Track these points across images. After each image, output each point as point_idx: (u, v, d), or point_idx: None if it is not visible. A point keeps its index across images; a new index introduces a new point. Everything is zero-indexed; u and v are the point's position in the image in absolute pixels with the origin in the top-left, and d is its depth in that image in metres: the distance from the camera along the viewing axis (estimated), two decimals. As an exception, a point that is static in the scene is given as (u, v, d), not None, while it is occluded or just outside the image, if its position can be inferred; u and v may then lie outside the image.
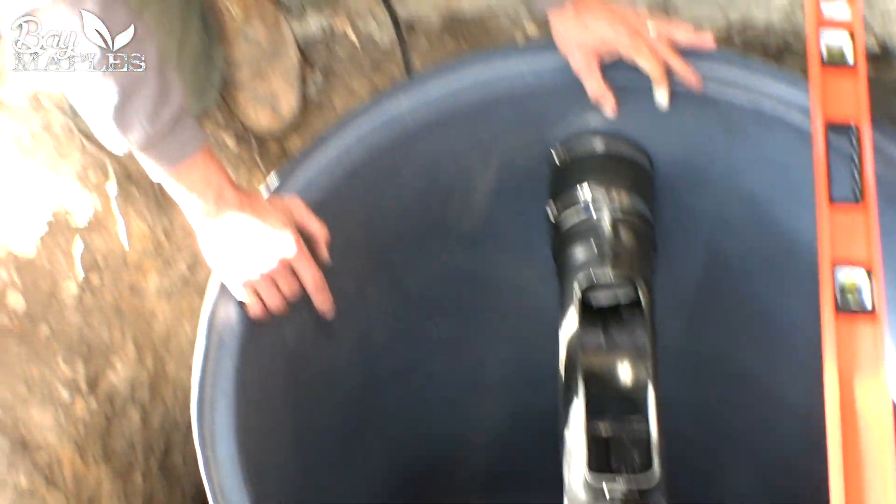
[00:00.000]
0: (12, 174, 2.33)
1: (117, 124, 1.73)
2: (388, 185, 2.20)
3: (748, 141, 2.14)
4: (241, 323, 1.89)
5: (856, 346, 1.69)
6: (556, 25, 2.08)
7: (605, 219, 2.06)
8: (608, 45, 2.02)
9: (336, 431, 2.46)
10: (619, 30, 2.03)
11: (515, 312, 2.54)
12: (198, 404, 1.83)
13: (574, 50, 2.05)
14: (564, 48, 2.07)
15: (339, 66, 2.61)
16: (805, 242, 1.92)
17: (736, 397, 2.55)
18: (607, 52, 2.02)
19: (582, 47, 2.05)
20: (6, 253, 2.19)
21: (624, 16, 2.07)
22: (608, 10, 2.09)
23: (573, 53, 2.05)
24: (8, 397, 2.07)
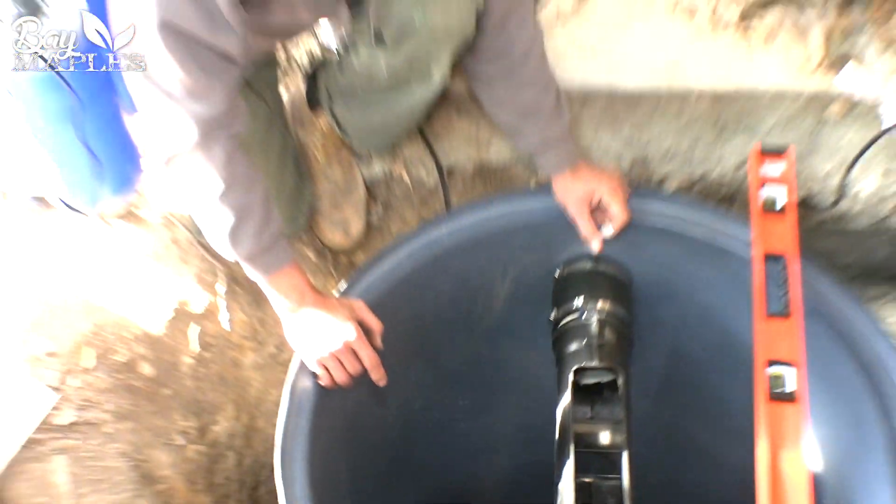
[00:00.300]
0: (148, 274, 2.45)
1: (230, 241, 1.94)
2: (428, 291, 2.35)
3: (704, 265, 2.28)
4: (314, 391, 2.06)
5: (782, 423, 1.83)
6: (556, 184, 2.28)
7: (593, 321, 2.21)
8: (594, 194, 2.22)
9: (380, 473, 2.57)
10: (601, 184, 2.23)
11: (522, 388, 2.60)
12: (280, 452, 1.99)
13: (570, 201, 2.26)
14: (562, 199, 2.27)
15: (395, 200, 2.70)
16: (745, 343, 2.00)
17: (689, 458, 2.63)
18: (594, 200, 2.23)
19: (576, 199, 2.24)
20: (141, 332, 2.32)
21: (606, 176, 2.27)
22: (594, 171, 2.28)
23: (569, 204, 2.26)
24: (138, 442, 2.19)
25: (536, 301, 2.37)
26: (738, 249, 2.18)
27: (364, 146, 2.62)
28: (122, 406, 2.21)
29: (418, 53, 2.17)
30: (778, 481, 1.79)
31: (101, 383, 2.20)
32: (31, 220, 2.48)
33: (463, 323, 2.51)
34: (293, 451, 2.00)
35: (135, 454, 2.17)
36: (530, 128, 2.27)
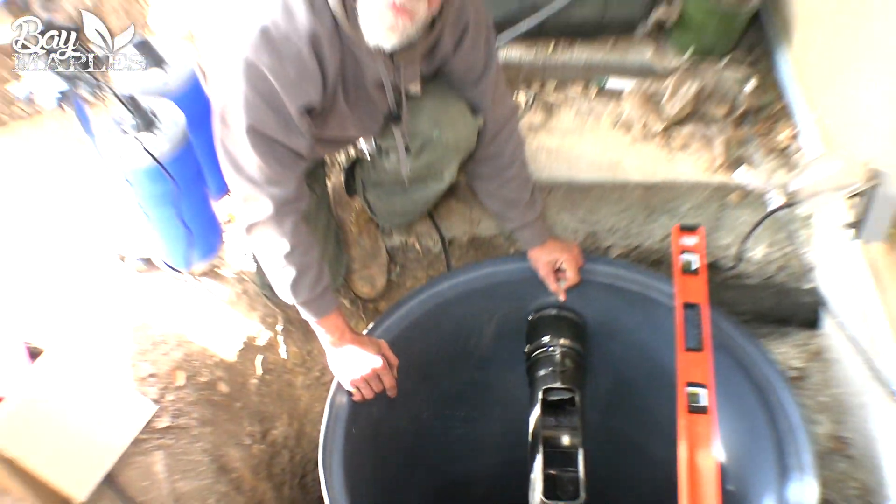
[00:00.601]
0: (225, 317, 2.55)
1: (291, 291, 2.12)
2: (433, 331, 2.49)
3: (639, 312, 2.45)
4: (348, 405, 2.24)
5: (697, 429, 2.01)
6: (531, 254, 2.44)
7: (557, 353, 2.39)
8: (558, 262, 2.40)
9: (397, 466, 2.70)
10: (563, 255, 2.40)
11: (504, 403, 2.69)
12: (322, 451, 2.15)
13: (540, 266, 2.43)
14: (534, 264, 2.44)
15: (409, 263, 2.82)
16: (669, 369, 2.15)
17: (628, 455, 2.73)
18: (558, 266, 2.42)
19: (543, 265, 2.42)
20: (220, 359, 2.46)
21: (566, 247, 2.43)
22: (559, 244, 2.42)
23: (539, 268, 2.43)
24: (216, 442, 2.34)
25: (514, 338, 2.51)
26: (664, 300, 2.35)
27: (388, 224, 2.74)
28: (205, 415, 2.35)
29: (435, 161, 2.32)
30: (694, 471, 1.96)
31: (190, 398, 2.35)
32: (140, 277, 2.61)
33: (460, 354, 2.65)
34: (332, 449, 2.16)
35: (214, 451, 2.32)
36: (512, 214, 2.41)
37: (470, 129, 2.24)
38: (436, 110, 2.20)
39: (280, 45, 1.84)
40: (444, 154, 2.29)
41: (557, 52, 2.93)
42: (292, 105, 1.92)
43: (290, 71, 1.87)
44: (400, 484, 2.72)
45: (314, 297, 2.17)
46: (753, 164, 2.62)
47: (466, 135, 2.25)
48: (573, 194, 2.69)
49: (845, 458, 2.24)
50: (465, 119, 2.22)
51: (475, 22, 2.06)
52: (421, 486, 2.91)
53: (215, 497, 2.23)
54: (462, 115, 2.22)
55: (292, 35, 1.84)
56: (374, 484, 2.44)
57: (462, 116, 2.22)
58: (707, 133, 2.67)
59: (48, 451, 1.97)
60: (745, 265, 2.66)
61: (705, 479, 1.96)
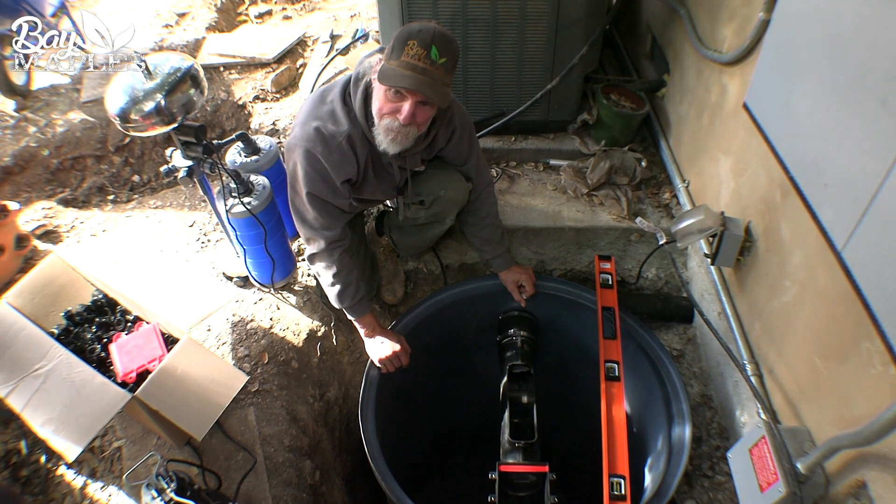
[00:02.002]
0: (295, 317, 2.54)
1: (338, 299, 2.17)
2: (436, 326, 2.52)
3: (573, 312, 2.47)
4: (378, 376, 2.28)
5: (612, 392, 2.07)
6: (501, 276, 2.49)
7: (518, 340, 2.42)
8: (519, 281, 2.42)
9: (410, 417, 2.68)
10: (523, 276, 2.43)
11: (484, 375, 2.65)
12: (361, 407, 2.20)
13: (507, 284, 2.48)
14: (504, 282, 2.49)
15: (419, 280, 2.79)
16: (594, 351, 2.21)
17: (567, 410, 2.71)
18: (519, 283, 2.46)
19: (510, 283, 2.46)
20: (293, 345, 2.45)
21: (525, 270, 2.45)
22: (520, 269, 2.48)
23: (507, 285, 2.48)
24: (290, 401, 2.33)
25: (490, 330, 2.55)
26: (589, 305, 2.39)
27: (405, 254, 2.72)
28: (282, 382, 2.35)
29: (440, 210, 2.34)
30: (611, 420, 2.00)
31: (272, 371, 2.36)
32: (240, 290, 2.62)
33: (453, 342, 2.66)
34: (367, 405, 2.21)
35: (288, 407, 2.30)
36: (487, 248, 2.45)
37: (464, 190, 2.28)
38: (442, 178, 2.25)
39: (328, 139, 1.94)
40: (447, 206, 2.31)
41: (516, 142, 2.94)
42: (337, 178, 2.01)
43: (336, 156, 1.96)
44: (411, 428, 2.71)
45: (354, 303, 2.24)
46: (647, 215, 2.63)
47: (462, 194, 2.29)
48: (528, 235, 2.68)
49: (710, 409, 2.24)
50: (461, 184, 2.26)
51: (461, 126, 2.13)
52: (425, 430, 2.91)
53: (289, 438, 2.21)
54: (459, 181, 2.26)
55: (336, 134, 1.93)
56: (395, 428, 2.44)
57: (459, 182, 2.26)
58: (616, 194, 2.68)
59: (179, 405, 1.96)
60: (642, 281, 2.65)
61: (618, 426, 2.00)
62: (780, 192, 1.77)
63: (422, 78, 1.73)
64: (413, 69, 1.72)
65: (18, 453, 2.17)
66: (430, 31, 1.71)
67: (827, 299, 1.54)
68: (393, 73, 1.75)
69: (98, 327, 2.22)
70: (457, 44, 1.78)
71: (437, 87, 1.76)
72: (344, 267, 2.17)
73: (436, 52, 1.70)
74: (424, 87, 1.74)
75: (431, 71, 1.72)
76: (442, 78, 1.75)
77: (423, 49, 1.70)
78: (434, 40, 1.70)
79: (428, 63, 1.71)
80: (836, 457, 1.45)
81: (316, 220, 2.09)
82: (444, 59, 1.73)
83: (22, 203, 3.14)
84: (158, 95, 2.02)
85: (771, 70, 1.74)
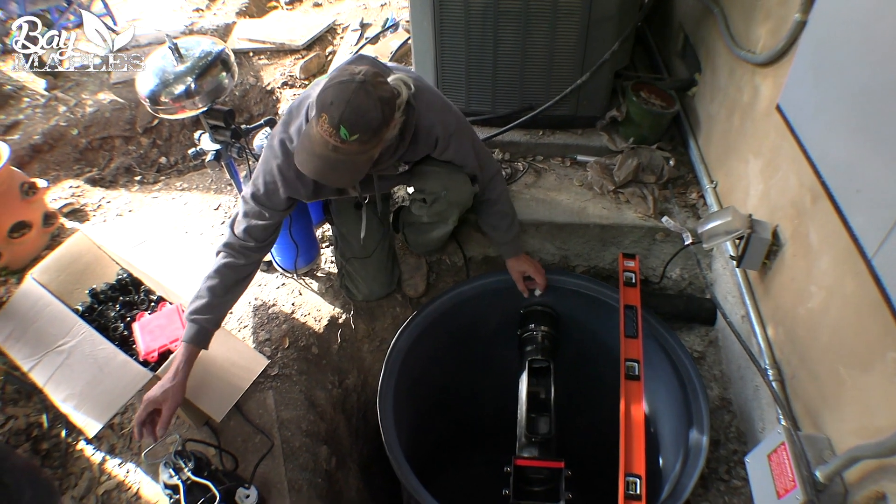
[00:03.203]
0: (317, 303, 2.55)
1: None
2: (457, 317, 2.52)
3: (594, 310, 2.46)
4: (398, 366, 2.28)
5: (632, 390, 2.06)
6: (508, 264, 2.46)
7: (538, 335, 2.42)
8: (526, 272, 2.41)
9: (429, 408, 2.69)
10: (530, 268, 2.42)
11: (503, 368, 2.64)
12: (379, 395, 2.18)
13: (512, 273, 2.46)
14: (510, 272, 2.46)
15: (443, 273, 2.77)
16: (615, 349, 2.20)
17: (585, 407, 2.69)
18: (525, 274, 2.44)
19: (515, 272, 2.45)
20: (313, 330, 2.46)
21: (533, 263, 2.43)
22: (528, 260, 2.45)
23: (513, 273, 2.45)
24: (309, 386, 2.34)
25: (511, 324, 2.54)
26: (611, 303, 2.38)
27: (416, 251, 2.70)
28: (302, 368, 2.36)
29: (442, 211, 2.30)
30: (629, 419, 2.00)
31: (292, 356, 2.37)
32: (263, 275, 2.64)
33: (474, 335, 2.66)
34: (386, 394, 2.20)
35: (307, 392, 2.32)
36: (495, 234, 2.40)
37: (467, 193, 2.23)
38: (445, 178, 2.18)
39: (289, 156, 1.90)
40: (448, 207, 2.27)
41: (544, 137, 2.93)
42: (284, 192, 1.97)
43: (291, 173, 1.92)
44: (428, 419, 2.72)
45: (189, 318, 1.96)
46: (673, 215, 2.61)
47: (465, 197, 2.23)
48: (553, 230, 2.67)
49: (729, 413, 2.23)
50: (464, 186, 2.20)
51: (444, 135, 2.01)
52: (442, 421, 2.91)
53: (306, 423, 2.23)
54: (463, 184, 2.20)
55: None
56: (411, 418, 2.46)
57: (463, 184, 2.20)
58: (643, 193, 2.66)
59: (199, 386, 1.99)
60: (666, 281, 2.63)
61: (636, 425, 1.99)
62: (811, 196, 1.76)
63: (330, 156, 1.67)
64: (324, 145, 1.66)
65: (40, 427, 2.21)
66: (340, 106, 1.61)
67: (854, 307, 1.53)
68: (302, 147, 1.71)
69: (122, 306, 2.26)
70: (374, 115, 1.65)
71: (346, 167, 1.69)
72: (216, 278, 1.98)
73: (344, 132, 1.62)
74: (328, 173, 1.70)
75: (342, 148, 1.65)
76: (354, 154, 1.68)
77: (331, 127, 1.62)
78: (342, 120, 1.61)
79: (338, 141, 1.64)
80: (856, 467, 1.43)
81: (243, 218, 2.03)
82: (356, 137, 1.63)
83: (50, 181, 3.19)
84: (189, 78, 2.05)
85: (806, 72, 1.72)
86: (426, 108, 1.94)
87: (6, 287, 2.61)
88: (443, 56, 2.68)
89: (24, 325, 2.08)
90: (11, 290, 2.58)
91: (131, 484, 2.08)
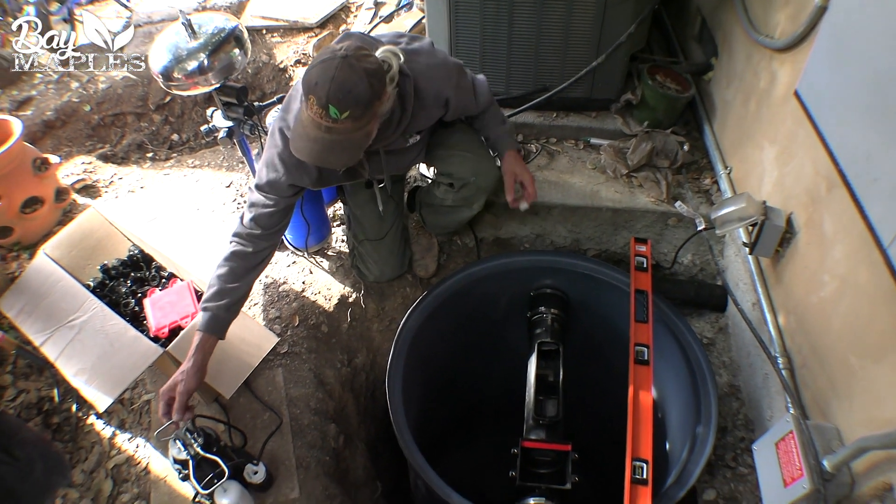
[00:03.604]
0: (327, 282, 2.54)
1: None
2: (468, 298, 2.51)
3: (605, 293, 2.45)
4: (407, 346, 2.27)
5: (641, 375, 2.03)
6: (504, 161, 2.26)
7: (548, 318, 2.42)
8: (519, 176, 2.25)
9: (437, 388, 2.69)
10: (524, 172, 2.25)
11: (512, 349, 2.62)
12: (388, 375, 2.18)
13: (506, 172, 2.26)
14: (504, 171, 2.27)
15: (453, 253, 2.78)
16: (624, 334, 2.16)
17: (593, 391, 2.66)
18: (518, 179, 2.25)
19: (508, 173, 2.25)
20: (323, 309, 2.47)
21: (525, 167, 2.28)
22: (521, 162, 2.28)
23: (506, 175, 2.25)
24: (318, 364, 2.35)
25: (520, 306, 2.54)
26: (622, 287, 2.36)
27: (433, 232, 2.70)
28: (311, 346, 2.37)
29: (469, 196, 2.33)
30: (637, 404, 1.98)
31: (302, 334, 2.38)
32: (277, 254, 2.60)
33: (483, 315, 2.65)
34: (394, 374, 2.20)
35: (316, 370, 2.33)
36: (487, 131, 2.29)
37: (494, 178, 2.24)
38: (474, 163, 2.20)
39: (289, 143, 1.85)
40: (475, 192, 2.29)
41: (558, 119, 2.91)
42: (287, 180, 1.95)
43: (293, 160, 1.89)
44: (436, 399, 2.72)
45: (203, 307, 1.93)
46: (686, 200, 2.60)
47: (494, 182, 2.25)
48: (565, 213, 2.67)
49: (737, 400, 2.23)
50: (494, 171, 2.22)
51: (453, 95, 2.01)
52: (450, 401, 2.91)
53: (315, 401, 2.24)
54: (491, 170, 2.22)
55: None
56: (420, 398, 2.47)
57: (493, 169, 2.22)
58: (656, 177, 2.65)
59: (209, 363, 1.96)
60: (677, 266, 2.63)
61: (644, 410, 1.97)
62: (826, 184, 1.74)
63: (325, 137, 1.65)
64: (317, 127, 1.64)
65: (51, 401, 2.23)
66: (325, 86, 1.58)
67: (868, 297, 1.52)
68: (297, 133, 1.69)
69: (133, 282, 2.27)
70: (361, 89, 1.61)
71: (343, 146, 1.68)
72: (226, 266, 1.96)
73: (334, 110, 1.60)
74: (326, 155, 1.68)
75: (335, 128, 1.64)
76: (349, 132, 1.66)
77: (321, 108, 1.60)
78: (329, 98, 1.58)
79: (329, 121, 1.62)
80: (864, 457, 1.43)
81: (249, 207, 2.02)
82: (347, 114, 1.61)
83: (62, 157, 3.20)
84: (202, 55, 2.05)
85: (826, 58, 1.70)
86: (426, 70, 1.93)
87: (18, 262, 2.63)
88: (457, 35, 2.67)
89: (35, 300, 2.09)
90: (24, 264, 2.60)
91: (140, 459, 2.10)
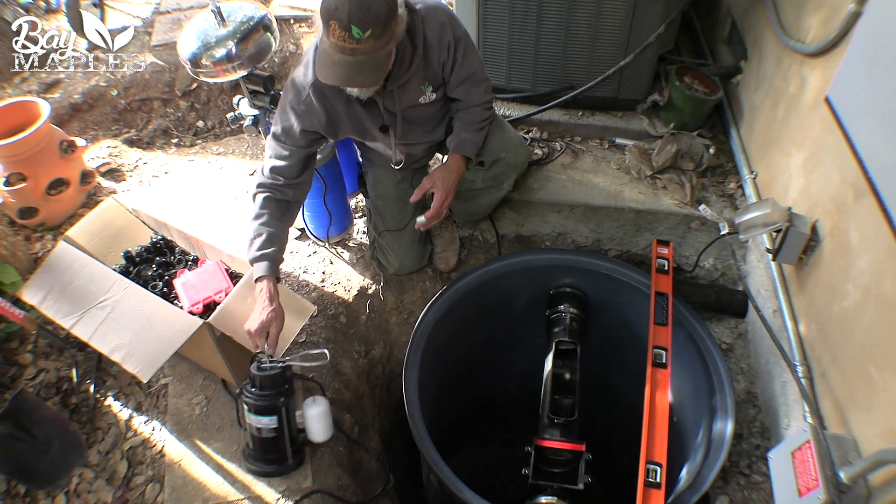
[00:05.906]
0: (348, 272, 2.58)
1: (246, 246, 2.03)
2: (487, 294, 2.52)
3: (625, 294, 2.46)
4: (424, 339, 2.30)
5: (658, 378, 2.06)
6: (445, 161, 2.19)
7: (567, 317, 2.43)
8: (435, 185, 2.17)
9: (452, 382, 2.71)
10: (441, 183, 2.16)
11: (530, 347, 2.67)
12: (405, 367, 2.21)
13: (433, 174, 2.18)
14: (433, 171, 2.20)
15: (474, 248, 2.77)
16: (643, 336, 2.20)
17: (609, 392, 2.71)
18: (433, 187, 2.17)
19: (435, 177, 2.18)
20: (342, 300, 2.49)
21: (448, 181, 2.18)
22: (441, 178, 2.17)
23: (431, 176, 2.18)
24: (336, 355, 2.37)
25: (539, 304, 2.56)
26: (642, 289, 2.38)
27: (461, 220, 2.70)
28: (329, 336, 2.40)
29: (499, 174, 2.34)
30: (653, 407, 2.00)
31: (320, 323, 2.41)
32: (295, 242, 2.67)
33: (501, 312, 2.66)
34: (411, 367, 2.23)
35: (333, 360, 2.35)
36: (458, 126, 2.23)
37: (525, 155, 2.33)
38: (504, 140, 2.24)
39: (299, 89, 1.97)
40: (506, 170, 2.32)
41: (583, 117, 2.91)
42: (298, 125, 2.01)
43: (302, 106, 1.98)
44: (451, 394, 2.73)
45: (253, 258, 2.00)
46: (710, 204, 2.59)
47: (523, 159, 2.33)
48: (588, 212, 2.67)
49: (754, 407, 2.22)
50: (522, 148, 2.30)
51: (456, 37, 2.02)
52: (465, 397, 2.93)
53: (331, 390, 2.26)
54: (521, 146, 2.31)
55: (304, 85, 1.96)
56: (435, 392, 2.48)
57: (521, 146, 2.30)
58: (681, 179, 2.65)
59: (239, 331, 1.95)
60: (699, 270, 2.60)
61: (660, 413, 1.99)
62: (854, 192, 1.73)
63: (350, 60, 1.70)
64: (341, 51, 1.69)
65: (69, 381, 2.25)
66: (345, 7, 1.63)
67: (892, 308, 1.51)
68: (321, 63, 1.74)
69: (158, 266, 2.28)
70: (379, 5, 1.66)
71: (369, 66, 1.73)
72: (263, 213, 2.04)
73: (357, 30, 1.65)
74: (353, 76, 1.74)
75: (359, 48, 1.69)
76: (372, 52, 1.71)
77: (343, 30, 1.65)
78: (351, 18, 1.63)
79: (353, 42, 1.67)
80: (882, 470, 1.41)
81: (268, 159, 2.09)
82: (369, 32, 1.66)
83: (88, 140, 3.25)
84: (230, 42, 2.08)
85: (858, 64, 1.68)
86: (433, 13, 1.97)
87: (42, 242, 2.67)
88: (485, 30, 2.68)
89: (62, 285, 2.09)
90: (47, 245, 2.64)
91: (156, 441, 2.12)
